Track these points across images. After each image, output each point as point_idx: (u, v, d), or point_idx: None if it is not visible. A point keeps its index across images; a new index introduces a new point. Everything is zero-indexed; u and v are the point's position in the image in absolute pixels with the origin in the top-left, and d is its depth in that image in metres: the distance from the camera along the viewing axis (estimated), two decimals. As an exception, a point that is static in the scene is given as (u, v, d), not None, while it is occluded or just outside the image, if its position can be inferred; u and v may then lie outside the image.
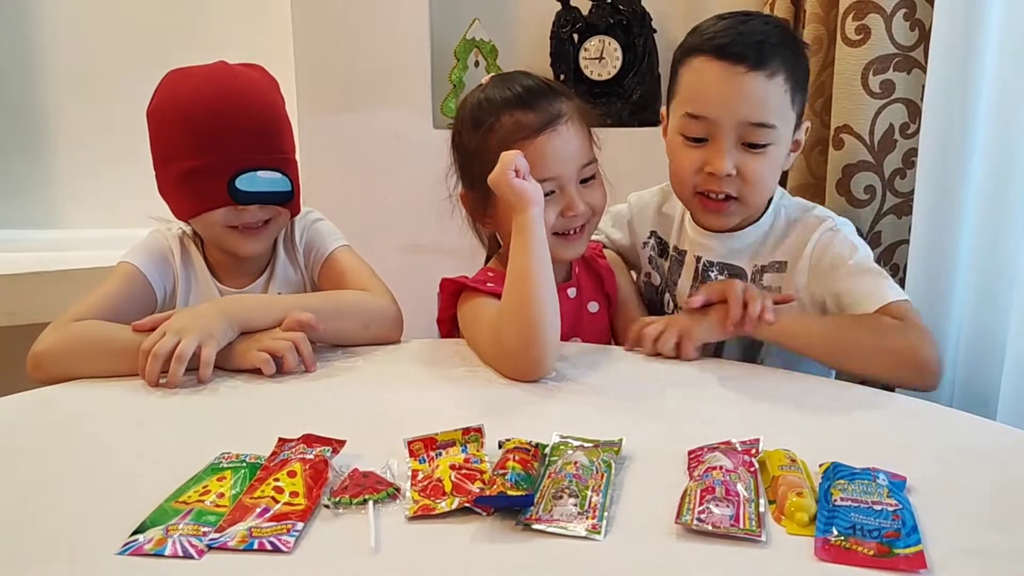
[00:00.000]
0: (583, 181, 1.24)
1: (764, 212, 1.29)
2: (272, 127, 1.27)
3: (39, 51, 2.24)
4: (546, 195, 1.19)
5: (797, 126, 1.26)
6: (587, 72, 2.08)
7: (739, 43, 1.18)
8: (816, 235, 1.23)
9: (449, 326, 1.29)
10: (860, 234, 1.49)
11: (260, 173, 1.24)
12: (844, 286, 1.19)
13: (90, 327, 1.18)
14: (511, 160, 1.11)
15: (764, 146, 1.20)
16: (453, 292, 1.26)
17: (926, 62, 1.38)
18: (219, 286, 1.32)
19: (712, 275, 1.30)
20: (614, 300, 1.37)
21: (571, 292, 1.32)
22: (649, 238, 1.42)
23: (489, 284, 1.22)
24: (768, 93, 1.18)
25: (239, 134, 1.22)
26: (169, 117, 1.25)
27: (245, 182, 1.23)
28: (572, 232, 1.25)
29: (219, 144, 1.21)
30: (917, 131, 1.42)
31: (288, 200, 1.28)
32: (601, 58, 2.06)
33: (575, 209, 1.22)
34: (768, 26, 1.22)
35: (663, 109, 1.33)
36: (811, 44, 1.57)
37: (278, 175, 1.26)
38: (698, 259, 1.33)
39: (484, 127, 1.22)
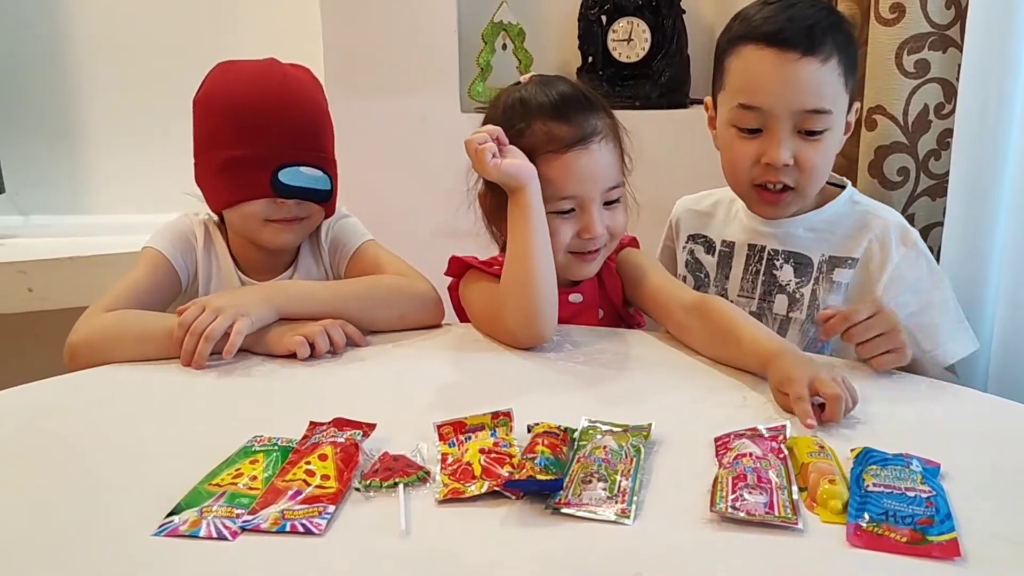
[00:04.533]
0: (607, 203, 1.20)
1: (829, 201, 1.27)
2: (318, 126, 1.28)
3: (71, 38, 2.26)
4: (565, 212, 1.19)
5: (849, 108, 1.24)
6: (615, 54, 2.06)
7: (790, 28, 1.16)
8: (905, 249, 1.21)
9: (456, 295, 1.30)
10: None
11: (303, 169, 1.24)
12: (925, 320, 1.18)
13: (122, 316, 1.19)
14: (483, 151, 1.09)
15: (821, 132, 1.18)
16: (459, 268, 1.28)
17: (962, 41, 1.35)
18: (241, 277, 1.33)
19: (777, 263, 1.28)
20: (619, 305, 1.31)
21: (574, 297, 1.28)
22: (687, 242, 1.40)
23: (495, 267, 1.22)
24: (823, 78, 1.16)
25: (286, 128, 1.23)
26: (217, 106, 1.25)
27: (288, 176, 1.23)
28: (587, 252, 1.22)
29: (266, 136, 1.22)
30: (952, 112, 1.40)
31: (326, 199, 1.29)
32: (629, 40, 2.04)
33: (593, 231, 1.18)
34: (815, 9, 1.19)
35: (707, 99, 1.30)
36: (844, 23, 1.55)
37: (320, 173, 1.26)
38: (760, 248, 1.30)
39: (514, 130, 1.17)
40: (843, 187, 1.29)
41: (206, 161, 1.27)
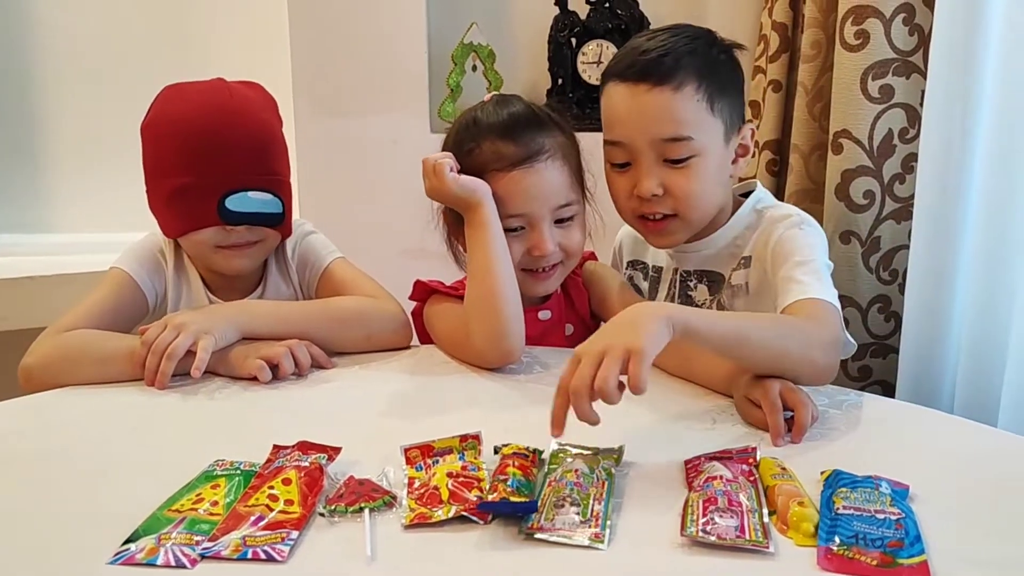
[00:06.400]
0: (559, 221, 1.21)
1: (733, 214, 1.25)
2: (266, 147, 1.25)
3: (33, 55, 2.24)
4: (515, 230, 1.20)
5: (735, 131, 1.22)
6: (585, 76, 2.07)
7: (640, 62, 1.16)
8: (782, 229, 1.18)
9: (421, 321, 1.29)
10: (859, 239, 1.49)
11: (251, 193, 1.21)
12: (781, 275, 1.13)
13: (80, 336, 1.16)
14: (442, 165, 1.13)
15: (687, 159, 1.17)
16: (423, 293, 1.27)
17: (925, 67, 1.37)
18: (211, 297, 1.30)
19: (691, 284, 1.28)
20: (587, 319, 1.32)
21: (543, 315, 1.29)
22: (627, 269, 1.40)
23: (461, 290, 1.22)
24: (676, 106, 1.15)
25: (232, 153, 1.20)
26: (163, 132, 1.23)
27: (235, 202, 1.21)
28: (541, 270, 1.23)
29: (211, 163, 1.19)
30: (916, 136, 1.42)
31: (279, 222, 1.26)
32: (599, 62, 2.06)
33: (543, 249, 1.19)
34: (676, 37, 1.18)
35: None
36: (810, 49, 1.57)
37: (269, 196, 1.23)
38: (675, 271, 1.31)
39: (464, 150, 1.20)
40: (752, 192, 1.28)
41: (155, 189, 1.25)
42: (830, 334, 1.03)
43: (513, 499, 0.74)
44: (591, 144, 1.28)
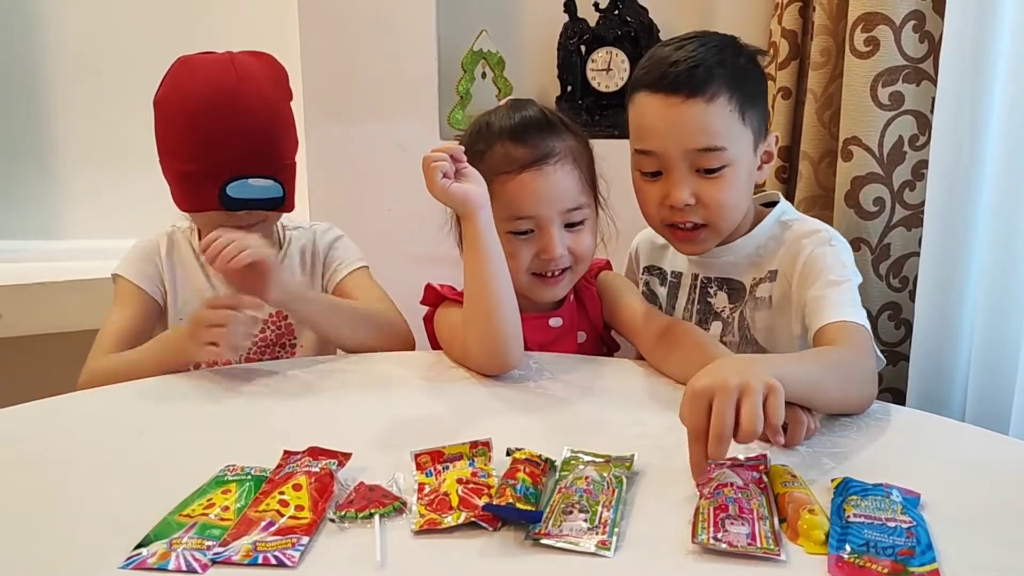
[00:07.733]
0: (569, 225, 1.21)
1: (757, 224, 1.26)
2: (269, 132, 1.27)
3: (43, 59, 2.24)
4: (523, 233, 1.20)
5: (762, 139, 1.22)
6: (594, 83, 2.07)
7: (671, 73, 1.16)
8: (812, 246, 1.19)
9: (432, 325, 1.30)
10: (869, 246, 1.48)
11: (252, 181, 1.24)
12: (813, 293, 1.13)
13: (125, 359, 1.22)
14: (434, 170, 1.07)
15: (719, 169, 1.17)
16: (434, 298, 1.28)
17: (935, 74, 1.37)
18: (211, 279, 1.34)
19: (711, 291, 1.28)
20: (599, 327, 1.32)
21: (554, 322, 1.29)
22: (643, 274, 1.40)
23: None
24: (710, 118, 1.15)
25: (235, 139, 1.23)
26: (173, 112, 1.26)
27: (236, 189, 1.23)
28: (550, 275, 1.22)
29: (214, 150, 1.22)
30: (926, 143, 1.41)
31: (279, 206, 1.29)
32: (608, 69, 2.06)
33: (551, 252, 1.19)
34: (705, 48, 1.18)
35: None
36: (820, 56, 1.57)
37: (270, 182, 1.26)
38: (695, 277, 1.31)
39: (475, 152, 1.19)
40: (776, 203, 1.28)
41: (165, 165, 1.30)
42: (869, 364, 1.04)
43: (520, 506, 0.74)
44: (603, 151, 1.28)
